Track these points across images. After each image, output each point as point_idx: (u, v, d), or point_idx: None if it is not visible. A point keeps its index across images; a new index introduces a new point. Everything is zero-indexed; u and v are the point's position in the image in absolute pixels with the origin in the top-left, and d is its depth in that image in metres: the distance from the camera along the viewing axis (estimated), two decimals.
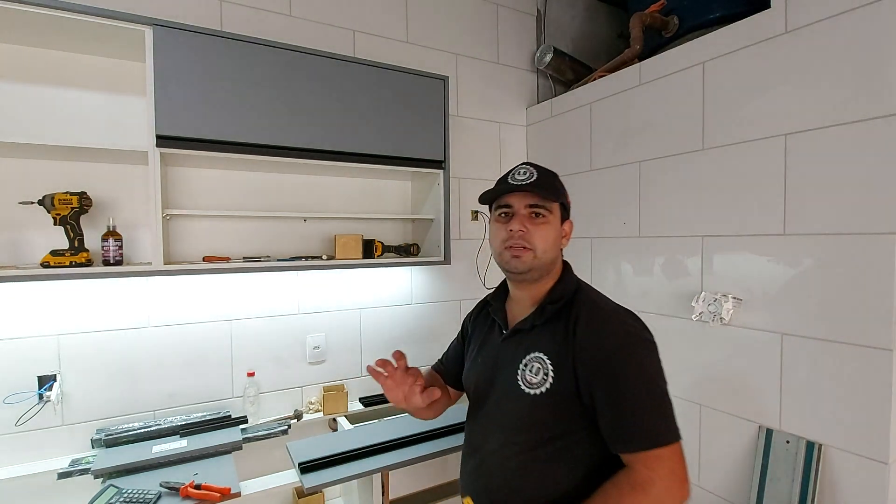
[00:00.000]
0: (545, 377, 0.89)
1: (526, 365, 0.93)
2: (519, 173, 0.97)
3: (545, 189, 0.95)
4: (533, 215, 0.95)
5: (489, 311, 1.10)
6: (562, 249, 1.01)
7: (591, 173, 2.08)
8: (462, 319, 1.23)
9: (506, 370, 0.96)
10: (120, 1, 1.52)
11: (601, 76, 2.06)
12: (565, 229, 1.01)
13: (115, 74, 1.57)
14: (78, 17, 1.33)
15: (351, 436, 1.64)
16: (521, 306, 1.02)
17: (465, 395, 1.14)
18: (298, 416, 1.82)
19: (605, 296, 0.98)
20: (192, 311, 1.72)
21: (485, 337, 1.08)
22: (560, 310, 0.94)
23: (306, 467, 1.42)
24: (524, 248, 0.94)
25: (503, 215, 0.98)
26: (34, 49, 1.48)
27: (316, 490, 1.38)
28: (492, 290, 1.15)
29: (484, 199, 1.01)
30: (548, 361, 0.90)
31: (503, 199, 0.98)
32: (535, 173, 0.96)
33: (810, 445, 1.32)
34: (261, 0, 1.81)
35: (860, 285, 1.23)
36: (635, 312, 0.94)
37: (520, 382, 0.92)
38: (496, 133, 2.40)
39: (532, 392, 0.90)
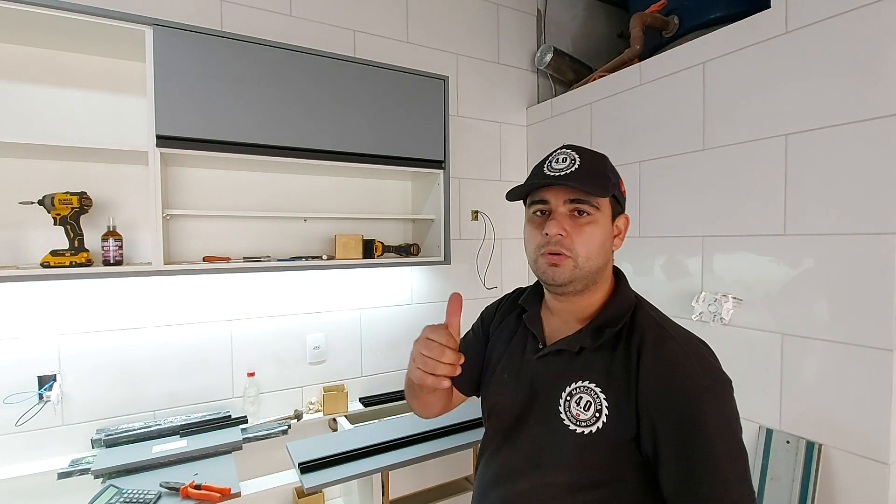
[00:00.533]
0: (597, 414, 0.73)
1: (571, 395, 0.76)
2: (557, 160, 0.78)
3: (590, 180, 0.75)
4: (576, 213, 0.76)
5: (522, 318, 0.90)
6: (613, 252, 0.83)
7: None
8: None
9: (544, 398, 0.79)
10: (120, 1, 1.52)
11: (601, 76, 2.06)
12: (619, 226, 0.82)
13: (115, 74, 1.57)
14: (78, 17, 1.33)
15: (351, 436, 1.64)
16: (562, 319, 0.85)
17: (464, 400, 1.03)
18: (298, 416, 1.82)
19: (666, 316, 0.81)
20: (192, 312, 1.72)
21: (514, 348, 0.89)
22: (618, 333, 0.77)
23: (306, 467, 1.42)
24: (563, 254, 0.76)
25: (539, 213, 0.80)
26: (34, 49, 1.48)
27: (316, 490, 1.38)
28: (525, 289, 0.95)
29: (513, 196, 0.82)
30: (601, 396, 0.74)
31: (538, 194, 0.79)
32: (578, 159, 0.77)
33: (810, 445, 1.32)
34: (261, 0, 1.81)
35: (860, 285, 1.23)
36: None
37: (563, 416, 0.76)
38: (496, 133, 2.40)
39: (580, 431, 0.74)
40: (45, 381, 1.49)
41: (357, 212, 1.99)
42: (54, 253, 1.38)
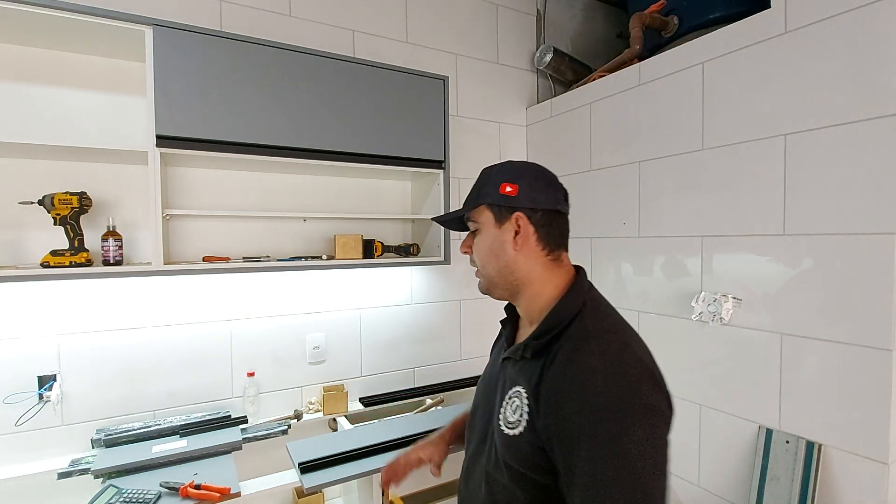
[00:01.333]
0: (520, 419, 0.74)
1: (510, 399, 0.78)
2: None
3: (468, 200, 0.82)
4: (469, 232, 0.86)
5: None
6: (519, 253, 0.80)
7: (591, 173, 2.08)
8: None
9: (494, 399, 0.84)
10: (120, 1, 1.52)
11: (601, 76, 2.06)
12: (512, 226, 0.80)
13: (115, 74, 1.57)
14: (78, 17, 1.33)
15: (351, 436, 1.64)
16: (523, 324, 0.87)
17: None
18: (298, 416, 1.82)
19: (612, 327, 0.76)
20: (192, 312, 1.72)
21: (497, 351, 0.95)
22: (550, 341, 0.75)
23: (306, 467, 1.41)
24: (477, 269, 0.84)
25: None
26: (34, 49, 1.48)
27: (316, 490, 1.38)
28: None
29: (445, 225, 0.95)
30: (526, 401, 0.74)
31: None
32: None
33: (810, 445, 1.32)
34: (261, 0, 1.82)
35: (860, 285, 1.23)
36: (650, 353, 0.74)
37: (500, 418, 0.79)
38: (496, 133, 2.40)
39: (508, 432, 0.76)
40: (45, 381, 1.49)
41: (357, 212, 1.99)
42: (54, 253, 1.38)
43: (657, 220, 1.79)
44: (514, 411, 0.76)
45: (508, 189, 0.80)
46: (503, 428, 0.77)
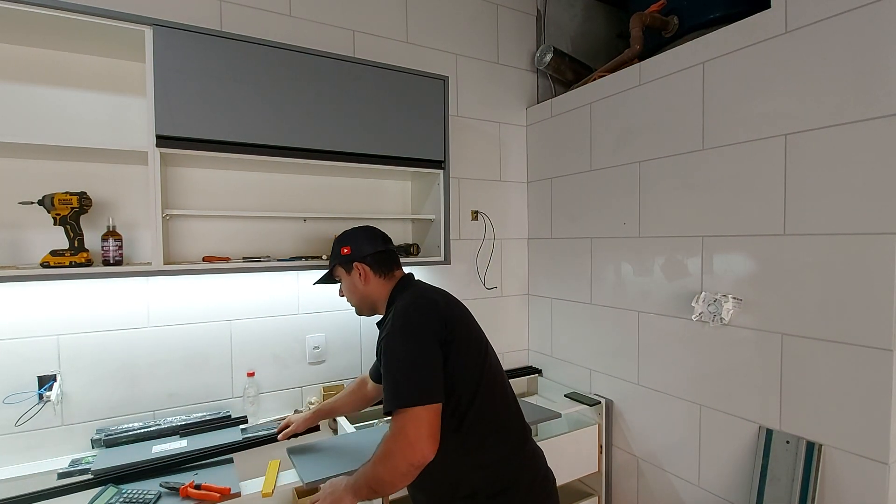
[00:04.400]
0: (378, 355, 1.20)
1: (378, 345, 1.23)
2: None
3: (329, 265, 1.40)
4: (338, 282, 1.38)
5: None
6: (366, 286, 1.30)
7: (591, 173, 2.08)
8: None
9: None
10: (120, 1, 1.52)
11: (601, 76, 2.06)
12: (357, 273, 1.29)
13: (115, 74, 1.57)
14: (78, 17, 1.33)
15: (351, 437, 1.64)
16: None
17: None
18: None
19: (410, 294, 1.21)
20: (191, 311, 1.72)
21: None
22: (384, 318, 1.28)
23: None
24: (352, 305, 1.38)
25: None
26: (34, 49, 1.48)
27: (316, 489, 1.38)
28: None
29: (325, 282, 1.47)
30: (378, 346, 1.20)
31: None
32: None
33: (810, 445, 1.32)
34: (261, 0, 1.82)
35: (860, 285, 1.23)
36: (448, 292, 1.27)
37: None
38: (496, 133, 2.40)
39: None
40: (45, 381, 1.49)
41: (357, 212, 1.99)
42: (54, 253, 1.38)
43: (657, 220, 1.79)
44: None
45: (345, 251, 1.31)
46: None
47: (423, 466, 0.99)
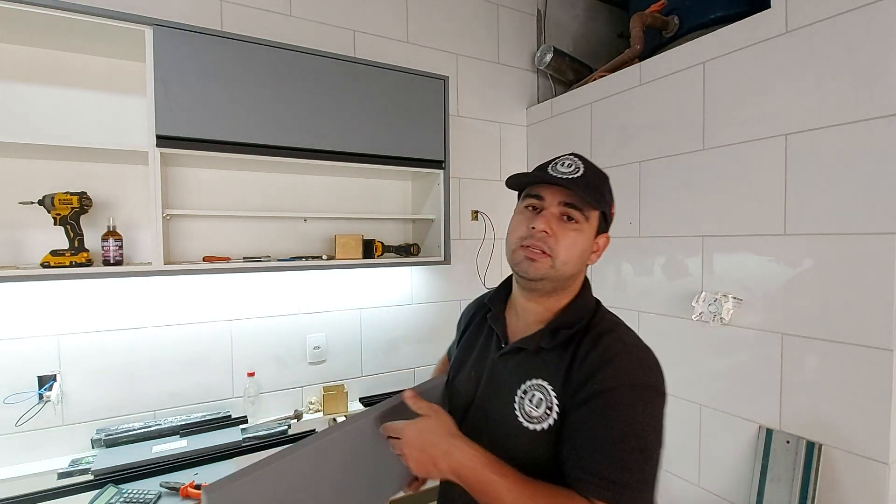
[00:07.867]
0: (548, 412, 0.76)
1: (526, 393, 0.79)
2: (563, 164, 0.81)
3: (587, 191, 0.78)
4: (565, 218, 0.80)
5: (486, 316, 0.94)
6: (587, 266, 0.86)
7: None
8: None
9: (502, 395, 0.82)
10: (120, 1, 1.52)
11: (601, 76, 2.06)
12: (598, 243, 0.85)
13: (115, 74, 1.57)
14: (78, 17, 1.33)
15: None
16: (524, 319, 0.87)
17: None
18: (298, 416, 1.82)
19: (625, 324, 0.83)
20: (192, 312, 1.72)
21: (479, 344, 0.93)
22: (573, 335, 0.79)
23: None
24: (543, 252, 0.78)
25: (530, 208, 0.82)
26: (34, 49, 1.48)
27: None
28: (491, 290, 0.98)
29: (512, 183, 0.86)
30: (552, 394, 0.76)
31: (535, 189, 0.82)
32: (583, 169, 0.80)
33: (810, 445, 1.32)
34: (261, 0, 1.81)
35: (860, 285, 1.23)
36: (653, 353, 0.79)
37: (517, 413, 0.78)
38: (496, 133, 2.40)
39: (532, 427, 0.76)
40: (45, 381, 1.49)
41: (357, 212, 1.99)
42: (54, 253, 1.38)
43: (657, 220, 1.79)
44: (536, 405, 0.77)
45: (613, 211, 0.88)
46: (525, 423, 0.77)
47: None
